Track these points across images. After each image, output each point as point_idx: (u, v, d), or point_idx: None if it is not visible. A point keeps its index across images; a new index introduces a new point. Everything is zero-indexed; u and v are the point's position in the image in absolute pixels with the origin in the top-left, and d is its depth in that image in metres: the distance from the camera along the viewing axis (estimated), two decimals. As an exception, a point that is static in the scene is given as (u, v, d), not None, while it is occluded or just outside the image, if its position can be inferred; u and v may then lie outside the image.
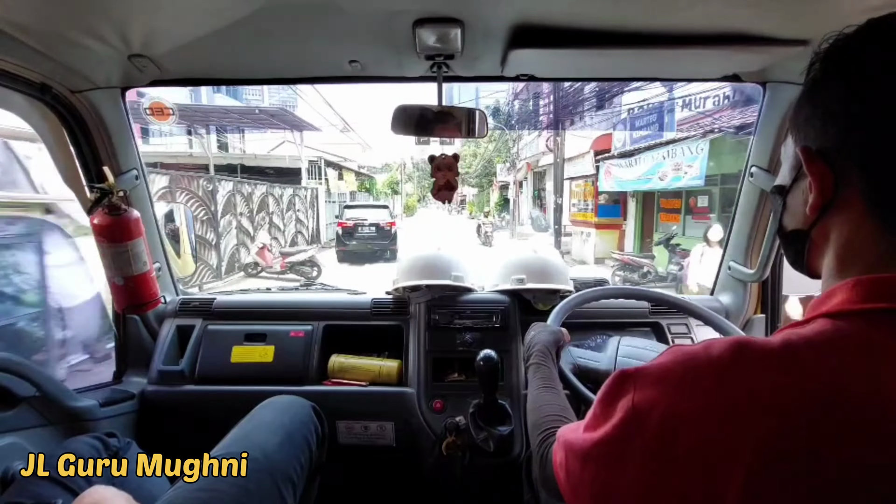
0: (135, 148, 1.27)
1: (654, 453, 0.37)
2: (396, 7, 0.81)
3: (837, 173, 0.40)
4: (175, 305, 1.45)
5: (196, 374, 1.34)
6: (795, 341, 0.36)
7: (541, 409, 0.74)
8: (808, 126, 0.43)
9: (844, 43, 0.40)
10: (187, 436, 1.09)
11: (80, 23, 0.83)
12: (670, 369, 0.39)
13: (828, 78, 0.41)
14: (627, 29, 0.88)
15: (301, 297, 1.57)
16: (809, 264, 0.48)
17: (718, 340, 0.39)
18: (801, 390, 0.34)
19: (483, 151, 26.11)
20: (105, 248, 1.12)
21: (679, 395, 0.37)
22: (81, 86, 1.09)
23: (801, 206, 0.45)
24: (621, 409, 0.40)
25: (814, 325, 0.38)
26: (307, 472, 0.92)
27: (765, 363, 0.36)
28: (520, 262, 1.43)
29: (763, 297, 1.36)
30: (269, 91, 17.52)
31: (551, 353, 0.89)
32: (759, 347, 0.37)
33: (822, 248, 0.44)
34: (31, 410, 1.03)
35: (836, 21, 0.41)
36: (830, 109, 0.41)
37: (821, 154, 0.41)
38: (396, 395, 1.31)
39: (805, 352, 0.36)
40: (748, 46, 0.90)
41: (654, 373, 0.40)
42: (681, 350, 0.40)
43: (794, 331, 0.38)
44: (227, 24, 0.85)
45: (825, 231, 0.43)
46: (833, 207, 0.41)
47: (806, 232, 0.45)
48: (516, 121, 17.37)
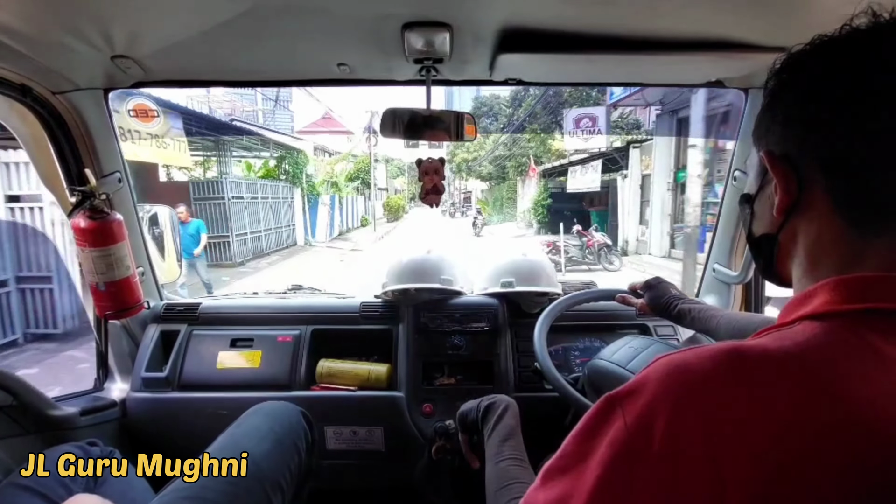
0: (118, 150, 1.25)
1: (661, 477, 0.34)
2: (385, 10, 0.81)
3: (801, 174, 0.42)
4: (159, 311, 1.42)
5: (181, 381, 1.32)
6: (790, 346, 0.36)
7: (511, 488, 0.68)
8: (769, 134, 0.45)
9: (797, 57, 0.43)
10: (172, 444, 1.07)
11: (61, 22, 0.81)
12: (663, 385, 0.36)
13: (783, 88, 0.44)
14: (614, 35, 0.89)
15: (288, 302, 1.55)
16: (779, 270, 0.48)
17: (707, 348, 0.37)
18: (802, 396, 0.33)
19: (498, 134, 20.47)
20: (87, 252, 1.09)
21: (678, 410, 0.35)
22: (63, 87, 1.07)
23: (767, 210, 0.46)
24: (611, 442, 0.36)
25: (800, 327, 0.38)
26: (297, 479, 0.91)
27: (764, 371, 0.35)
28: (508, 265, 1.43)
29: (747, 299, 1.39)
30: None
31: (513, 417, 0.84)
32: (756, 354, 0.36)
33: (791, 250, 0.45)
34: (8, 420, 1.00)
35: (812, 30, 0.42)
36: (788, 115, 0.43)
37: (783, 158, 0.43)
38: (386, 399, 1.30)
39: (801, 357, 0.35)
40: (731, 53, 0.92)
41: (646, 390, 0.37)
42: (670, 362, 0.38)
43: (781, 334, 0.38)
44: (212, 26, 0.85)
45: (793, 233, 0.44)
46: (799, 209, 0.43)
47: (774, 236, 0.46)
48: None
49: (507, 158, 20.90)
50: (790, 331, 0.38)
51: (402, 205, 25.21)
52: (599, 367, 1.01)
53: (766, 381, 0.34)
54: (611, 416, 0.38)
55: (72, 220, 1.10)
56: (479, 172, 24.50)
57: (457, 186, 35.44)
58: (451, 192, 43.88)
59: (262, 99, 18.49)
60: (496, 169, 22.89)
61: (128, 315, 1.22)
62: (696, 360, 0.37)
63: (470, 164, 24.78)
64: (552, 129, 16.05)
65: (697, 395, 0.35)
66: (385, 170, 28.17)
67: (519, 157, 19.36)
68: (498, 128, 20.88)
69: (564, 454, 0.40)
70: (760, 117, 0.47)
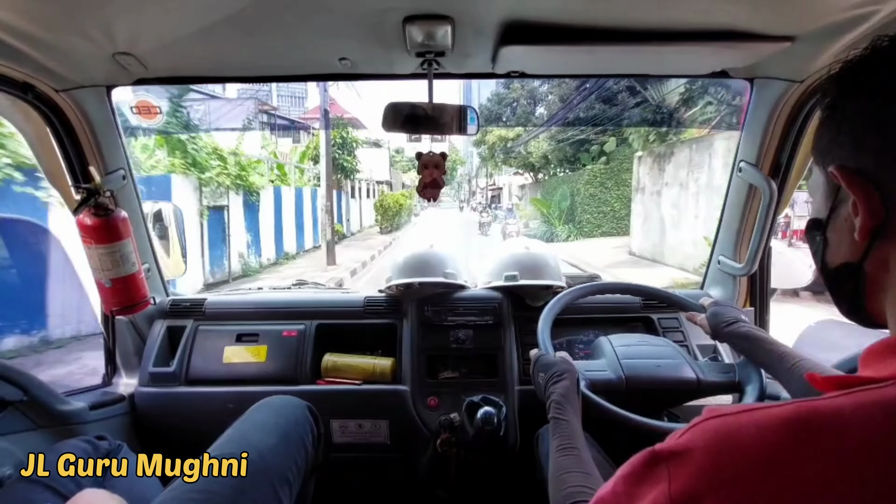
0: (122, 147, 1.25)
1: None
2: (386, 4, 0.80)
3: (884, 191, 0.36)
4: (165, 306, 1.43)
5: (188, 376, 1.33)
6: (880, 418, 0.29)
7: (562, 479, 0.69)
8: (836, 147, 0.40)
9: (864, 58, 0.38)
10: (180, 438, 1.08)
11: (63, 20, 0.81)
12: (714, 456, 0.32)
13: (849, 94, 0.39)
14: (617, 25, 0.88)
15: (293, 297, 1.56)
16: (870, 307, 0.40)
17: (770, 411, 0.32)
18: (882, 479, 0.28)
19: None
20: (92, 249, 1.10)
21: (732, 492, 0.31)
22: (66, 84, 1.07)
23: (846, 234, 0.39)
24: (655, 500, 0.34)
25: (894, 389, 0.31)
26: (303, 473, 0.92)
27: (840, 445, 0.29)
28: (512, 259, 1.43)
29: (752, 291, 1.38)
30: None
31: (571, 403, 0.83)
32: (833, 426, 0.30)
33: (882, 282, 0.38)
34: (19, 414, 1.02)
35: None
36: (859, 125, 0.38)
37: (858, 173, 0.37)
38: (390, 393, 1.31)
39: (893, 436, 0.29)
40: (736, 43, 0.91)
41: (695, 461, 0.33)
42: (722, 428, 0.33)
43: (868, 396, 0.31)
44: (213, 22, 0.84)
45: (882, 261, 0.37)
46: (888, 231, 0.36)
47: (858, 264, 0.39)
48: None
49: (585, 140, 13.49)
50: (879, 391, 0.31)
51: (404, 204, 17.08)
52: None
53: (842, 462, 0.29)
54: (656, 473, 0.35)
55: (77, 217, 1.10)
56: (525, 159, 17.11)
57: (479, 183, 27.07)
58: (471, 188, 35.07)
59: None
60: (558, 151, 15.16)
61: (134, 311, 1.23)
62: (756, 430, 0.31)
63: (512, 144, 17.93)
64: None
65: (757, 472, 0.30)
66: (388, 157, 20.98)
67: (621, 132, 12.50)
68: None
69: (616, 491, 0.39)
70: (822, 130, 0.42)
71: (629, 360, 1.05)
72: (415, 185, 1.25)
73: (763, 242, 1.24)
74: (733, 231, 1.34)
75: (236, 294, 1.60)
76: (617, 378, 1.02)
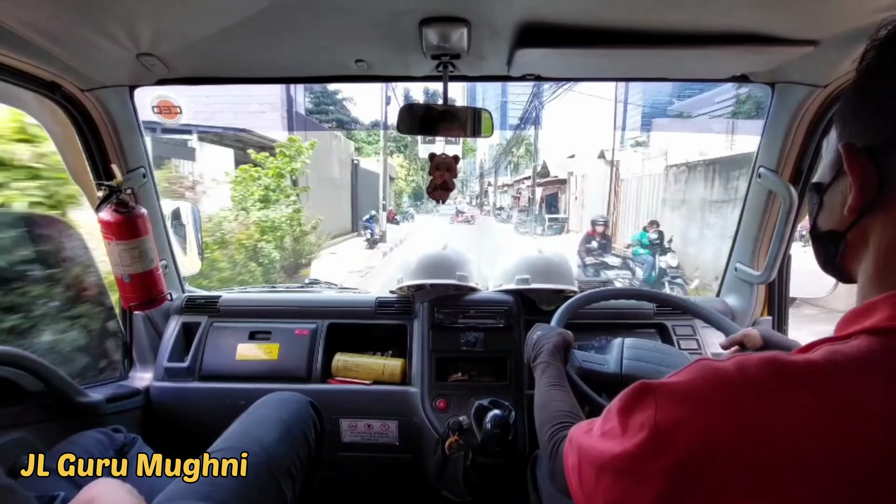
0: (143, 146, 1.28)
1: (680, 475, 0.35)
2: (403, 6, 0.81)
3: (883, 172, 0.37)
4: (181, 303, 1.46)
5: (201, 371, 1.35)
6: (841, 361, 0.34)
7: (550, 405, 0.74)
8: (856, 119, 0.40)
9: (889, 37, 0.37)
10: (192, 431, 1.10)
11: (89, 21, 0.83)
12: (699, 388, 0.36)
13: (883, 68, 0.38)
14: (635, 28, 0.87)
15: (306, 296, 1.57)
16: (842, 267, 0.44)
17: (750, 358, 0.36)
18: (850, 409, 0.32)
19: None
20: (113, 245, 1.13)
21: (712, 416, 0.35)
22: (91, 84, 1.10)
23: (838, 206, 0.42)
24: (642, 426, 0.38)
25: (856, 342, 0.35)
26: (307, 466, 0.93)
27: (809, 382, 0.33)
28: (524, 262, 1.42)
29: (770, 299, 1.35)
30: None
31: (560, 355, 0.88)
32: (801, 366, 0.34)
33: (860, 251, 0.41)
34: (39, 405, 1.04)
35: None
36: (883, 102, 0.38)
37: (867, 151, 0.38)
38: (400, 394, 1.31)
39: (853, 371, 0.33)
40: (757, 47, 0.89)
41: (680, 390, 0.37)
42: (709, 367, 0.37)
43: (835, 348, 0.36)
44: (233, 23, 0.86)
45: (864, 233, 0.40)
46: (876, 208, 0.39)
47: (842, 234, 0.42)
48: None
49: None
50: (845, 345, 0.35)
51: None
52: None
53: (811, 392, 0.33)
54: (644, 401, 0.39)
55: (99, 213, 1.13)
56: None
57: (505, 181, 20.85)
58: (482, 186, 28.68)
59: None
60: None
61: (151, 306, 1.26)
62: (737, 369, 0.35)
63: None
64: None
65: (737, 401, 0.34)
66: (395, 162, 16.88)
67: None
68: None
69: (607, 418, 0.44)
70: (849, 96, 0.42)
71: (632, 362, 1.03)
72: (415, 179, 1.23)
73: (782, 250, 1.22)
74: (751, 238, 1.31)
75: (250, 292, 1.62)
76: (613, 374, 1.00)
